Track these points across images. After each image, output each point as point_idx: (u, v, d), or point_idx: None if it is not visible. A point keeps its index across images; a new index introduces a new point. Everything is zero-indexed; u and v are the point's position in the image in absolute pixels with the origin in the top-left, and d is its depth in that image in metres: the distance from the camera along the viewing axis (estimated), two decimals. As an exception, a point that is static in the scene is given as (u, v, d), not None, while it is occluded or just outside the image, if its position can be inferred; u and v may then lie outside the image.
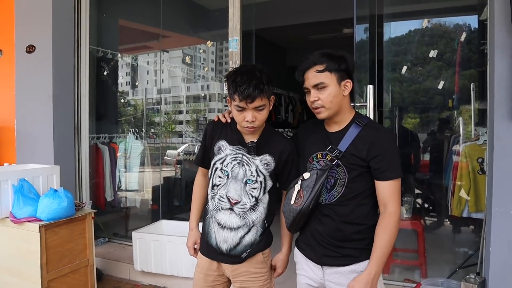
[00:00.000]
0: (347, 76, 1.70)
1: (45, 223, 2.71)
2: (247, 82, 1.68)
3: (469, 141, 3.52)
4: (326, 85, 1.67)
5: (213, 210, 1.89)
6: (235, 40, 3.43)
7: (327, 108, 1.69)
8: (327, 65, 1.67)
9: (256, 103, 1.71)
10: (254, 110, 1.73)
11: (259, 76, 1.71)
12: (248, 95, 1.68)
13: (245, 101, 1.70)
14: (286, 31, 6.44)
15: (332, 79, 1.67)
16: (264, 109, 1.76)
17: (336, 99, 1.68)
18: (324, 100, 1.68)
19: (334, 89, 1.67)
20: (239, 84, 1.70)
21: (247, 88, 1.68)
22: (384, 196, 1.66)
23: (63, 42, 4.11)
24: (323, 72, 1.67)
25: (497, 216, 2.58)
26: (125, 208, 5.08)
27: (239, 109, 1.75)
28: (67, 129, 4.19)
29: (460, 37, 3.54)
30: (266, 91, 1.71)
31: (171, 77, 6.13)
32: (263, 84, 1.70)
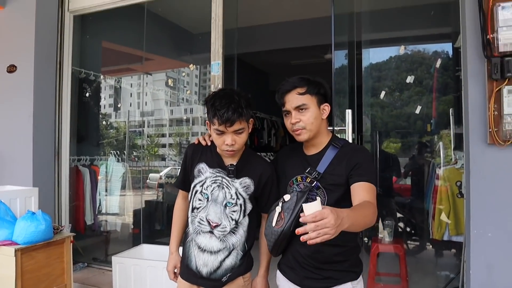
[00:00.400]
0: (325, 100, 1.76)
1: (21, 247, 2.65)
2: (226, 106, 1.70)
3: (448, 165, 3.58)
4: (307, 107, 1.72)
5: (193, 233, 1.89)
6: (217, 64, 3.47)
7: (307, 130, 1.73)
8: (307, 88, 1.72)
9: (235, 126, 1.73)
10: (233, 134, 1.75)
11: (238, 99, 1.74)
12: (227, 119, 1.70)
13: (224, 125, 1.72)
14: (268, 55, 6.53)
15: (313, 102, 1.73)
16: (243, 132, 1.78)
17: (316, 121, 1.73)
18: (305, 122, 1.72)
19: (315, 111, 1.73)
20: (218, 108, 1.72)
21: (226, 112, 1.70)
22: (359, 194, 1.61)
23: (45, 63, 4.10)
24: (305, 94, 1.73)
25: (476, 239, 2.62)
26: (105, 232, 4.99)
27: (219, 133, 1.77)
28: (47, 151, 4.14)
29: (436, 63, 3.65)
30: (245, 115, 1.74)
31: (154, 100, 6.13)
32: (242, 107, 1.72)
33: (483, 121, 2.58)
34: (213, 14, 3.48)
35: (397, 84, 3.92)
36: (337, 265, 1.72)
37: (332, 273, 1.72)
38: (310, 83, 1.73)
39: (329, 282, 1.72)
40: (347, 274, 1.70)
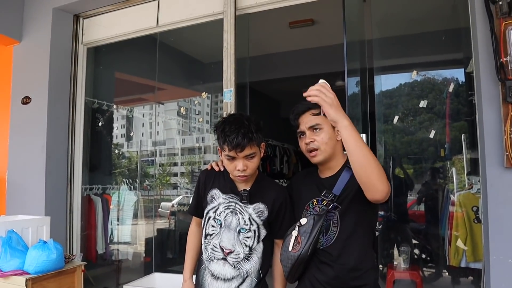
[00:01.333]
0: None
1: (32, 276, 2.64)
2: (236, 132, 1.71)
3: (463, 190, 3.53)
4: (322, 127, 1.73)
5: (207, 260, 1.87)
6: (230, 91, 3.50)
7: (322, 151, 1.73)
8: (321, 109, 1.70)
9: (246, 151, 1.73)
10: (244, 159, 1.75)
11: (247, 124, 1.74)
12: (237, 145, 1.70)
13: (235, 151, 1.72)
14: (280, 83, 6.59)
15: (327, 122, 1.72)
16: (255, 157, 1.77)
17: (331, 142, 1.73)
18: (319, 142, 1.72)
19: (329, 131, 1.73)
20: (227, 134, 1.72)
21: (236, 138, 1.70)
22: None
23: (59, 94, 4.16)
24: (319, 115, 1.72)
25: (496, 265, 2.54)
26: (116, 261, 4.95)
27: (230, 158, 1.76)
28: (59, 180, 4.16)
29: (449, 88, 3.64)
30: (255, 139, 1.73)
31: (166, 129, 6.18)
32: (252, 132, 1.72)
33: (499, 145, 2.55)
34: (225, 43, 3.53)
35: (409, 110, 3.91)
36: None
37: None
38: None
39: None
40: None
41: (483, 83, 2.64)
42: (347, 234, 1.69)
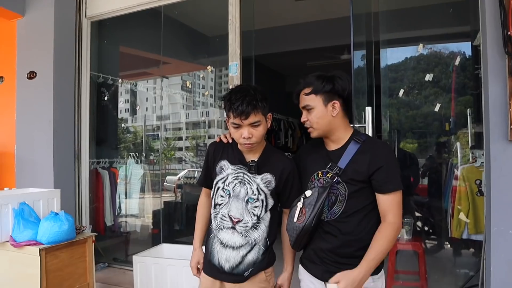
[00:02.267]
0: (336, 97, 1.77)
1: (45, 247, 2.73)
2: (241, 99, 1.76)
3: (467, 164, 3.57)
4: (312, 107, 1.78)
5: (216, 229, 1.93)
6: (235, 64, 3.51)
7: (315, 129, 1.79)
8: (313, 87, 1.77)
9: (250, 119, 1.78)
10: (249, 127, 1.79)
11: (253, 93, 1.79)
12: (242, 112, 1.75)
13: (240, 118, 1.77)
14: (285, 57, 6.57)
15: (318, 101, 1.77)
16: (260, 125, 1.82)
17: (322, 120, 1.77)
18: (311, 121, 1.79)
19: (320, 110, 1.77)
20: (233, 101, 1.78)
21: (241, 105, 1.75)
22: (384, 208, 1.71)
23: (64, 68, 4.21)
24: (310, 94, 1.78)
25: (496, 236, 2.61)
26: (125, 233, 5.07)
27: (235, 126, 1.82)
28: (67, 154, 4.24)
29: (455, 61, 3.64)
30: (259, 107, 1.78)
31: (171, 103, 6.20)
32: (257, 100, 1.77)
33: (504, 118, 2.57)
34: (230, 16, 3.53)
35: (415, 83, 3.91)
36: (359, 259, 1.72)
37: (353, 267, 1.72)
38: (316, 82, 1.77)
39: None
40: None
41: (490, 56, 2.65)
42: (353, 210, 1.74)
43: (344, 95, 1.79)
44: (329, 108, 1.77)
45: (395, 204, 1.70)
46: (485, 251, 2.84)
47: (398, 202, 1.71)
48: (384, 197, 1.71)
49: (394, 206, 1.70)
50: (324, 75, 1.79)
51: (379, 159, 1.71)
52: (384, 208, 1.71)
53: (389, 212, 1.70)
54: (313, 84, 1.77)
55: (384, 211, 1.71)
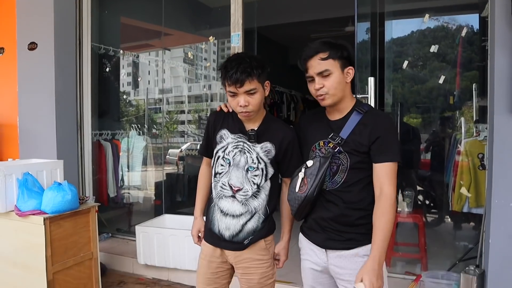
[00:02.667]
0: (348, 63, 1.76)
1: (49, 216, 2.76)
2: (235, 67, 1.76)
3: (470, 138, 3.57)
4: (330, 72, 1.72)
5: (216, 198, 1.95)
6: (237, 35, 3.48)
7: (331, 95, 1.74)
8: (330, 52, 1.72)
9: (245, 87, 1.78)
10: (245, 95, 1.80)
11: (248, 61, 1.78)
12: (236, 79, 1.76)
13: (235, 86, 1.77)
14: (288, 29, 6.48)
15: (336, 66, 1.72)
16: (256, 93, 1.81)
17: (340, 86, 1.74)
18: (329, 87, 1.73)
19: (338, 76, 1.73)
20: (228, 69, 1.78)
21: (235, 73, 1.75)
22: (379, 178, 1.69)
23: (65, 39, 4.17)
24: (327, 59, 1.72)
25: (497, 209, 2.63)
26: (128, 204, 5.14)
27: (232, 94, 1.82)
28: (69, 126, 4.25)
29: (462, 33, 3.59)
30: (254, 75, 1.77)
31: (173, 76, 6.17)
32: (251, 67, 1.77)
33: (509, 91, 2.55)
34: (232, -15, 3.48)
35: (420, 57, 3.87)
36: (360, 227, 1.75)
37: (354, 235, 1.76)
38: (332, 47, 1.73)
39: (351, 244, 1.76)
40: (368, 236, 1.72)
41: (497, 27, 2.61)
42: (355, 180, 1.74)
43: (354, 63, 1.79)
44: (344, 74, 1.75)
45: (390, 173, 1.69)
46: (485, 223, 2.87)
47: (393, 172, 1.70)
48: (380, 166, 1.70)
49: (390, 176, 1.69)
50: (335, 42, 1.76)
51: (379, 129, 1.70)
52: (379, 178, 1.70)
53: (384, 183, 1.68)
54: (329, 50, 1.72)
55: (379, 181, 1.70)
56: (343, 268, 1.77)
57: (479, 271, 2.74)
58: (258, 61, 1.81)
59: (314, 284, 1.90)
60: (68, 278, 2.91)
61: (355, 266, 1.72)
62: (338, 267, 1.78)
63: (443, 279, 2.95)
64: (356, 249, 1.76)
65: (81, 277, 3.02)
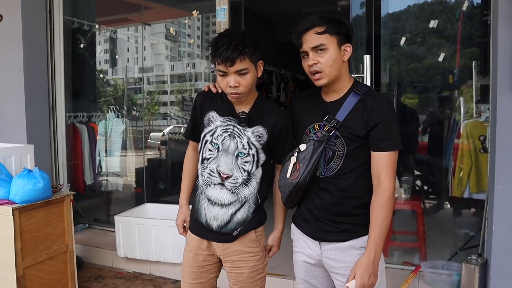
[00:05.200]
0: (346, 40, 1.70)
1: (19, 206, 2.68)
2: (226, 44, 1.69)
3: (471, 119, 3.55)
4: (326, 48, 1.66)
5: (203, 185, 1.89)
6: (223, 9, 3.40)
7: (326, 74, 1.68)
8: (327, 27, 1.66)
9: (236, 66, 1.71)
10: (236, 75, 1.73)
11: (241, 38, 1.71)
12: (227, 58, 1.69)
13: (225, 64, 1.71)
14: (277, 3, 6.39)
15: (332, 42, 1.66)
16: (248, 73, 1.75)
17: (336, 64, 1.67)
18: (324, 64, 1.67)
19: (334, 52, 1.67)
20: (218, 47, 1.71)
21: (226, 51, 1.68)
22: (377, 168, 1.66)
23: (34, 11, 4.03)
24: (323, 33, 1.66)
25: (500, 194, 2.63)
26: (106, 192, 5.07)
27: (221, 74, 1.76)
28: (41, 107, 4.15)
29: (462, 6, 3.54)
30: (246, 53, 1.71)
31: (154, 54, 6.06)
32: (243, 45, 1.70)
33: (513, 68, 2.53)
34: (217, -46, 3.38)
35: (418, 33, 3.83)
36: (355, 218, 1.72)
37: (349, 226, 1.72)
38: (330, 22, 1.66)
39: (345, 235, 1.73)
40: (364, 227, 1.69)
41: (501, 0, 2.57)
42: (351, 168, 1.70)
43: (351, 40, 1.72)
44: (341, 52, 1.69)
45: (389, 164, 1.65)
46: (487, 210, 2.86)
47: (393, 162, 1.66)
48: (378, 155, 1.65)
49: (389, 166, 1.65)
50: (333, 17, 1.69)
51: (379, 115, 1.65)
52: (378, 168, 1.66)
53: (382, 173, 1.64)
54: (326, 24, 1.66)
55: (377, 171, 1.66)
56: (337, 261, 1.74)
57: (482, 260, 2.75)
58: (251, 39, 1.74)
59: (307, 278, 1.87)
60: (40, 273, 2.84)
61: (351, 259, 1.70)
62: (332, 260, 1.75)
63: (443, 269, 2.96)
64: (351, 241, 1.72)
65: (55, 272, 2.95)
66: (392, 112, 1.73)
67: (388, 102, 1.80)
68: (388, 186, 1.64)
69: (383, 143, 1.65)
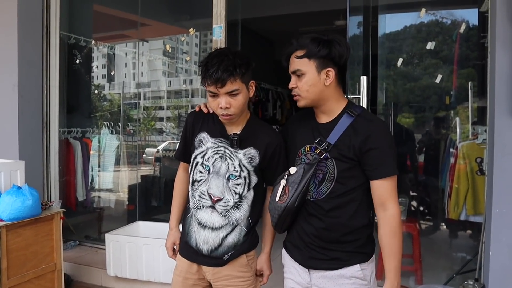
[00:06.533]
0: (331, 64, 1.65)
1: (6, 223, 2.63)
2: (216, 65, 1.66)
3: (467, 140, 3.52)
4: (303, 73, 1.65)
5: (194, 208, 1.85)
6: (220, 27, 3.38)
7: (303, 97, 1.68)
8: (307, 50, 1.63)
9: (227, 87, 1.68)
10: (227, 96, 1.70)
11: (232, 58, 1.68)
12: (217, 79, 1.66)
13: (215, 86, 1.68)
14: (275, 22, 6.41)
15: (310, 67, 1.64)
16: (239, 94, 1.71)
17: (313, 89, 1.65)
18: (300, 89, 1.67)
19: (312, 77, 1.64)
20: (208, 67, 1.68)
21: (216, 72, 1.65)
22: (382, 196, 1.62)
23: (30, 26, 4.01)
24: (302, 58, 1.65)
25: (497, 218, 2.58)
26: (98, 209, 5.00)
27: (212, 95, 1.72)
28: (34, 122, 4.10)
29: (460, 28, 3.55)
30: (237, 74, 1.67)
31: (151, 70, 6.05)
32: (234, 66, 1.67)
33: (511, 91, 2.50)
34: (215, -27, 3.37)
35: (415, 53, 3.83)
36: (346, 245, 1.67)
37: (339, 253, 1.67)
38: (313, 44, 1.63)
39: (336, 264, 1.68)
40: (356, 255, 1.66)
41: (499, 23, 2.58)
42: (342, 191, 1.65)
43: (340, 62, 1.67)
44: (322, 76, 1.64)
45: (392, 190, 1.62)
46: (485, 234, 2.81)
47: (394, 187, 1.63)
48: (381, 183, 1.62)
49: (392, 192, 1.62)
50: (321, 37, 1.65)
51: (373, 140, 1.61)
52: (382, 196, 1.62)
53: (388, 201, 1.61)
54: (307, 47, 1.64)
55: (382, 199, 1.62)
56: None
57: (479, 285, 2.70)
58: (242, 58, 1.71)
59: (297, 305, 1.81)
60: (27, 292, 2.77)
61: None
62: None
63: (439, 293, 2.89)
64: (341, 270, 1.68)
65: (42, 291, 2.88)
66: (388, 136, 1.69)
67: (383, 125, 1.75)
68: (396, 213, 1.62)
69: (381, 169, 1.62)
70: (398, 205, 1.63)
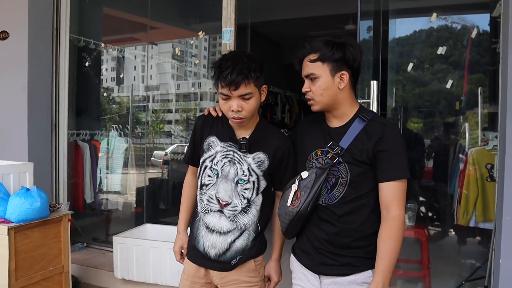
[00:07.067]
0: (344, 67, 1.64)
1: (14, 225, 2.63)
2: (231, 67, 1.65)
3: (478, 146, 3.49)
4: (317, 76, 1.64)
5: (202, 212, 1.84)
6: (229, 31, 3.38)
7: (317, 101, 1.67)
8: (320, 54, 1.63)
9: (241, 90, 1.67)
10: (239, 99, 1.69)
11: (246, 61, 1.67)
12: (231, 81, 1.64)
13: (229, 88, 1.66)
14: (284, 25, 6.41)
15: (324, 70, 1.63)
16: (252, 98, 1.70)
17: (327, 92, 1.64)
18: (314, 92, 1.66)
19: (326, 81, 1.64)
20: (222, 69, 1.66)
21: (230, 74, 1.64)
22: (386, 198, 1.60)
23: (40, 29, 4.03)
24: (315, 62, 1.64)
25: (508, 225, 2.54)
26: (106, 211, 5.01)
27: (224, 98, 1.71)
28: (43, 124, 4.11)
29: (471, 34, 3.52)
30: (251, 78, 1.67)
31: (160, 73, 6.07)
32: (249, 69, 1.66)
33: (523, 97, 2.48)
34: (224, -24, 3.38)
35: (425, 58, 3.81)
36: (357, 250, 1.65)
37: (351, 259, 1.66)
38: (327, 47, 1.63)
39: (347, 269, 1.66)
40: (367, 261, 1.64)
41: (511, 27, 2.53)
42: (355, 196, 1.64)
43: (354, 65, 1.66)
44: (336, 80, 1.64)
45: (399, 194, 1.60)
46: (495, 241, 2.78)
47: (402, 192, 1.61)
48: (387, 185, 1.60)
49: (398, 196, 1.60)
50: (334, 40, 1.65)
51: (385, 142, 1.60)
52: (387, 198, 1.60)
53: (392, 204, 1.59)
54: (320, 50, 1.63)
55: (387, 201, 1.60)
56: None
57: (489, 293, 2.65)
58: (257, 62, 1.70)
59: (305, 313, 1.79)
60: (34, 294, 2.77)
61: None
62: None
63: (448, 301, 2.86)
64: (353, 276, 1.66)
65: (49, 293, 2.88)
66: (399, 139, 1.67)
67: (395, 128, 1.74)
68: (399, 216, 1.59)
69: (390, 172, 1.60)
70: (402, 210, 1.61)
